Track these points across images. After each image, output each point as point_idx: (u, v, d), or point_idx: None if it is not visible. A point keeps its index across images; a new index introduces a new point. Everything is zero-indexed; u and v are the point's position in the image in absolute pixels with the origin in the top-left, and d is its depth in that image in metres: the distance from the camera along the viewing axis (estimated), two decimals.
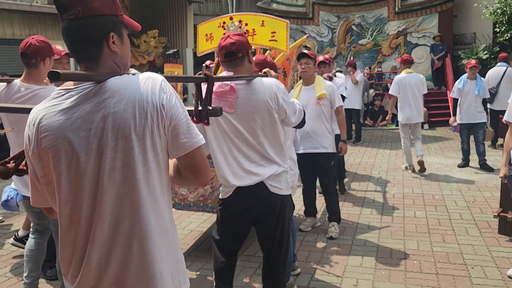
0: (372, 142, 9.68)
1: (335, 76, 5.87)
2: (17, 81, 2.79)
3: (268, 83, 2.40)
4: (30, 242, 3.06)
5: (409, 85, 6.65)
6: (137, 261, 1.27)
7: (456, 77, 12.13)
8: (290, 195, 2.59)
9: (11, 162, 1.72)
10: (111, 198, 1.25)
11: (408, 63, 6.89)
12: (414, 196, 5.60)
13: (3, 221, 4.93)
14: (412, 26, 13.46)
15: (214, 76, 1.87)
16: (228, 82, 2.34)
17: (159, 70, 11.84)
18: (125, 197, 1.25)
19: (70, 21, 1.26)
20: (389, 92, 7.06)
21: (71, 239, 1.30)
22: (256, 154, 2.41)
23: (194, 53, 13.52)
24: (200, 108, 1.73)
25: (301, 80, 4.39)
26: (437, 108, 11.93)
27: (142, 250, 1.27)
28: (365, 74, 12.48)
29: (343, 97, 5.28)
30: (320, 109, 4.21)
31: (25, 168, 1.73)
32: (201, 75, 1.81)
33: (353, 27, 14.09)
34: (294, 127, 2.66)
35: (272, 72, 2.58)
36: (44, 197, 1.39)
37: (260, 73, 2.54)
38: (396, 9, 13.48)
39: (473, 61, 6.78)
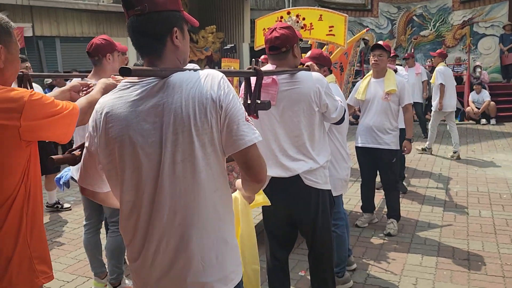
0: None
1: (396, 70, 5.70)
2: (85, 78, 2.98)
3: (311, 77, 2.38)
4: (84, 237, 3.27)
5: (449, 76, 7.28)
6: (195, 247, 1.32)
7: None
8: (330, 190, 2.54)
9: (78, 150, 1.86)
10: (171, 189, 1.30)
11: (445, 57, 7.85)
12: (479, 194, 5.32)
13: (70, 209, 5.28)
14: (479, 16, 12.70)
15: (262, 70, 1.89)
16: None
17: (217, 65, 12.07)
18: (184, 189, 1.30)
19: (137, 17, 1.32)
20: (438, 82, 7.37)
21: (132, 226, 1.37)
22: (292, 148, 2.39)
23: (251, 48, 13.57)
24: (249, 101, 1.76)
25: (370, 72, 4.27)
26: (506, 102, 11.21)
27: (199, 237, 1.32)
28: (427, 67, 11.96)
29: None
30: (388, 104, 4.08)
31: None
32: (251, 70, 1.83)
33: (415, 18, 13.53)
34: (333, 123, 2.62)
35: (315, 66, 2.56)
36: (91, 179, 1.47)
37: (303, 67, 2.53)
38: None
39: None
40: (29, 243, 1.55)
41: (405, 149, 4.36)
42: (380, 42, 4.22)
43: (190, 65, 1.41)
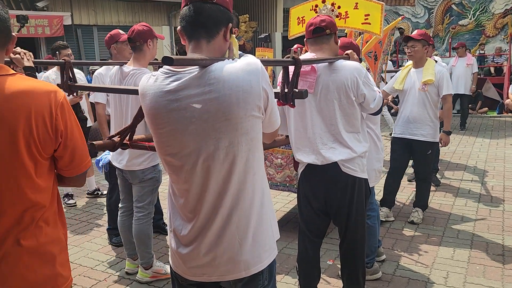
0: (469, 130, 9.01)
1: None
2: (125, 64, 3.07)
3: (350, 66, 2.37)
4: (118, 220, 3.36)
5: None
6: (235, 228, 1.40)
7: None
8: (366, 179, 2.52)
9: (117, 136, 1.93)
10: (215, 173, 1.37)
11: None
12: None
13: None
14: None
15: (301, 59, 1.90)
16: None
17: (250, 54, 12.05)
18: (228, 173, 1.37)
19: (208, 2, 1.37)
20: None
21: (181, 205, 1.47)
22: (329, 136, 2.40)
23: (283, 37, 13.47)
24: (286, 90, 1.78)
25: (411, 62, 4.20)
26: None
27: (239, 218, 1.40)
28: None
29: None
30: (425, 95, 3.98)
31: (128, 142, 1.94)
32: (289, 59, 1.85)
33: (453, 6, 13.10)
34: (370, 114, 2.59)
35: (355, 55, 2.54)
36: None
37: (343, 55, 2.52)
38: None
39: None
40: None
41: (441, 141, 4.27)
42: (415, 32, 4.15)
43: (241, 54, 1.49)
